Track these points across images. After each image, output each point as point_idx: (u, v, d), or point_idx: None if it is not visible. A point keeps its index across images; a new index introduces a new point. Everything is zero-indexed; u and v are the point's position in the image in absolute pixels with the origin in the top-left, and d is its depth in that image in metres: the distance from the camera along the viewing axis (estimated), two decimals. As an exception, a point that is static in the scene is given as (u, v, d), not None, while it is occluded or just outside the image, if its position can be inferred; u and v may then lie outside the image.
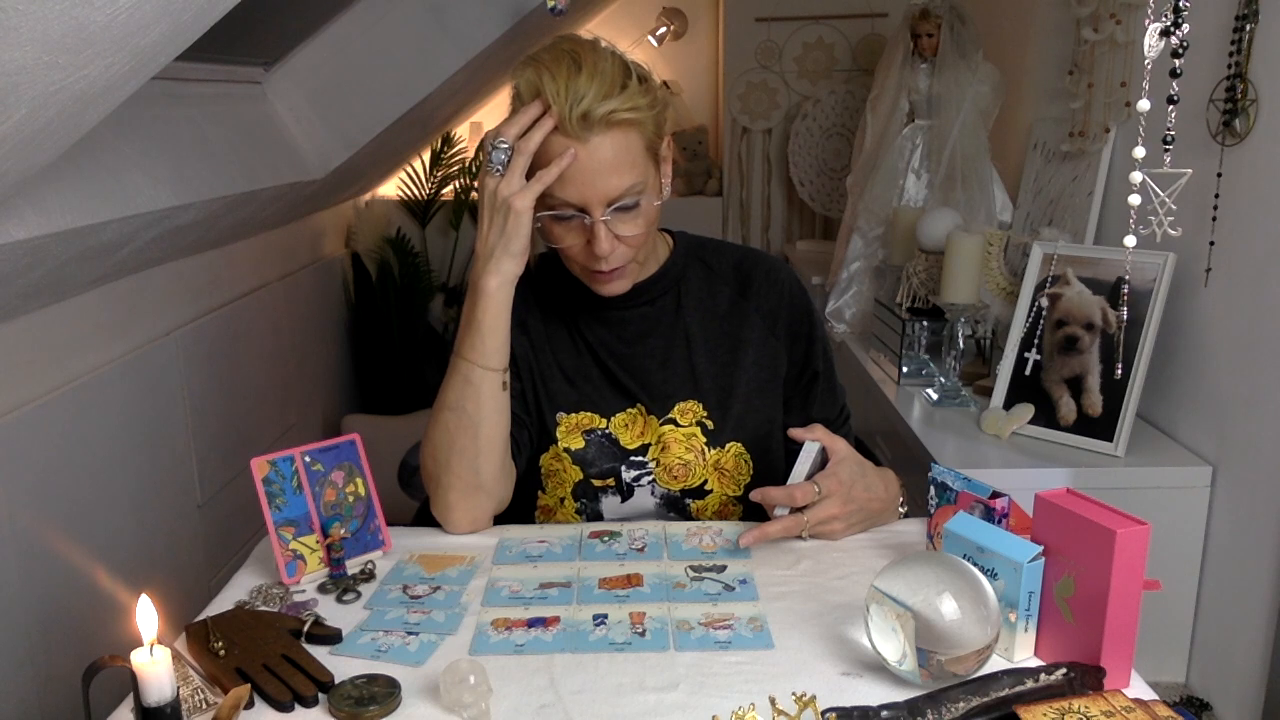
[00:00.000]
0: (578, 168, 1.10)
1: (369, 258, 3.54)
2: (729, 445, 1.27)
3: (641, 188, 1.14)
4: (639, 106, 1.11)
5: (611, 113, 1.09)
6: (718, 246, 1.35)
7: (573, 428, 1.27)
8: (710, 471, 1.27)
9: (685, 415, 1.27)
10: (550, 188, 1.12)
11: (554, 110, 1.09)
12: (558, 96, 1.09)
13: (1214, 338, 1.78)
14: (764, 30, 3.75)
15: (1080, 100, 2.15)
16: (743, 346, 1.30)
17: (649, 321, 1.30)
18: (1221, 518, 1.76)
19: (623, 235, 1.15)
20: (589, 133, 1.10)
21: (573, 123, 1.08)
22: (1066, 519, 0.91)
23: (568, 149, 1.10)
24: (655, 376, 1.28)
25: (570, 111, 1.08)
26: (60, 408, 1.69)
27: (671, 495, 1.28)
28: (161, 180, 1.72)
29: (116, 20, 0.91)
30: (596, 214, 1.12)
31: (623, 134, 1.11)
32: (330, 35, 2.32)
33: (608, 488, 1.27)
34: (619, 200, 1.13)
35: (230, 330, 2.43)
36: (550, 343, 1.30)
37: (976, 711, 0.83)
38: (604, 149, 1.10)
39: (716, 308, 1.31)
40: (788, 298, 1.32)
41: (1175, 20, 0.77)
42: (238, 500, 2.38)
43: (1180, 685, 1.83)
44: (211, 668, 0.93)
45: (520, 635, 0.99)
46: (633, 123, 1.11)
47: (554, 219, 1.15)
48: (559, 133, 1.10)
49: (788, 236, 3.98)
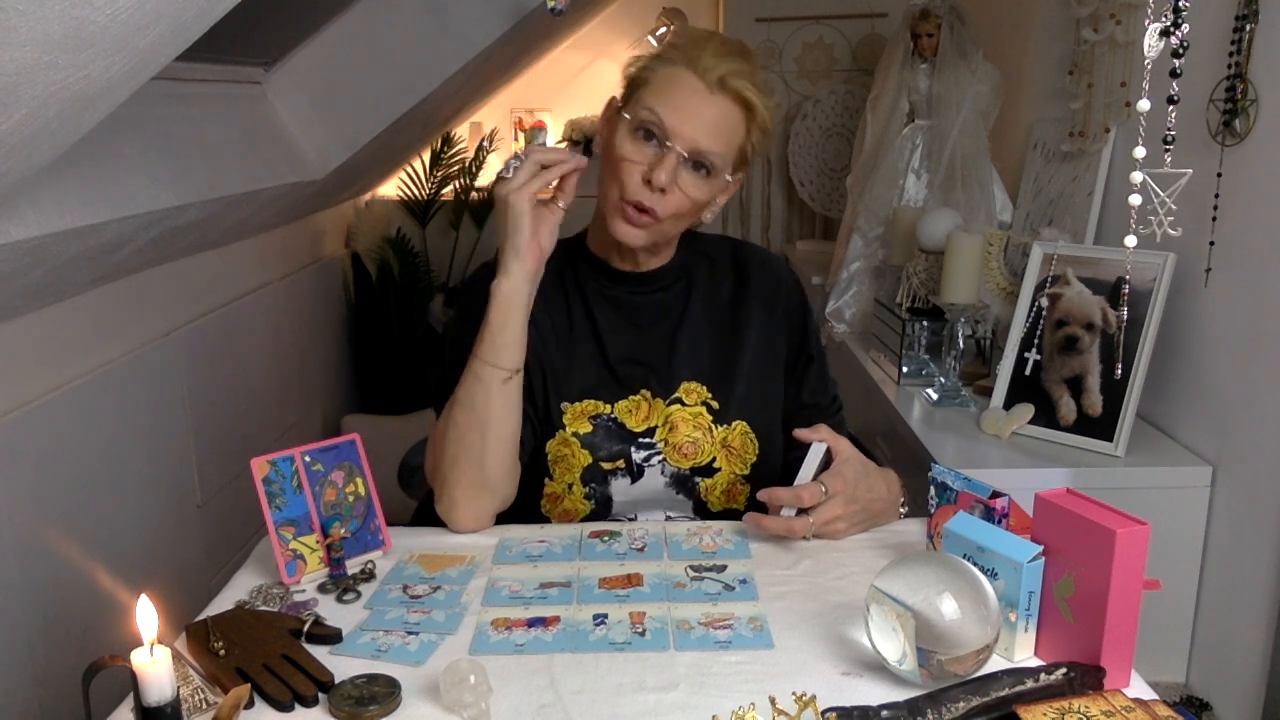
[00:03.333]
0: (689, 105, 1.18)
1: (369, 258, 3.54)
2: (735, 423, 1.30)
3: (721, 163, 1.21)
4: (763, 104, 1.22)
5: (744, 89, 1.18)
6: (715, 241, 1.41)
7: (578, 414, 1.28)
8: (718, 449, 1.29)
9: (691, 395, 1.30)
10: (654, 104, 1.18)
11: (696, 64, 1.17)
12: (715, 53, 1.17)
13: (1214, 338, 1.78)
14: (764, 30, 3.75)
15: (1080, 100, 2.15)
16: (745, 331, 1.33)
17: (661, 308, 1.33)
18: (1221, 518, 1.76)
19: (682, 185, 1.20)
20: (719, 90, 1.18)
21: (712, 77, 1.17)
22: (1066, 519, 0.91)
23: (687, 87, 1.17)
24: (663, 360, 1.31)
25: (716, 68, 1.17)
26: (60, 408, 1.69)
27: (681, 474, 1.29)
28: (161, 180, 1.72)
29: (116, 20, 0.91)
30: (678, 147, 1.17)
31: (739, 111, 1.20)
32: (330, 35, 2.32)
33: (617, 470, 1.28)
34: (702, 154, 1.19)
35: (230, 330, 2.43)
36: (556, 332, 1.31)
37: (976, 711, 0.83)
38: (718, 108, 1.18)
39: (719, 296, 1.36)
40: (784, 285, 1.38)
41: (1175, 20, 0.77)
42: (238, 500, 2.38)
43: (1180, 685, 1.83)
44: (211, 668, 0.93)
45: (520, 635, 0.99)
46: (751, 108, 1.20)
47: (637, 130, 1.19)
48: (693, 73, 1.17)
49: (788, 236, 3.98)
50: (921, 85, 2.60)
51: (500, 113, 3.99)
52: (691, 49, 1.18)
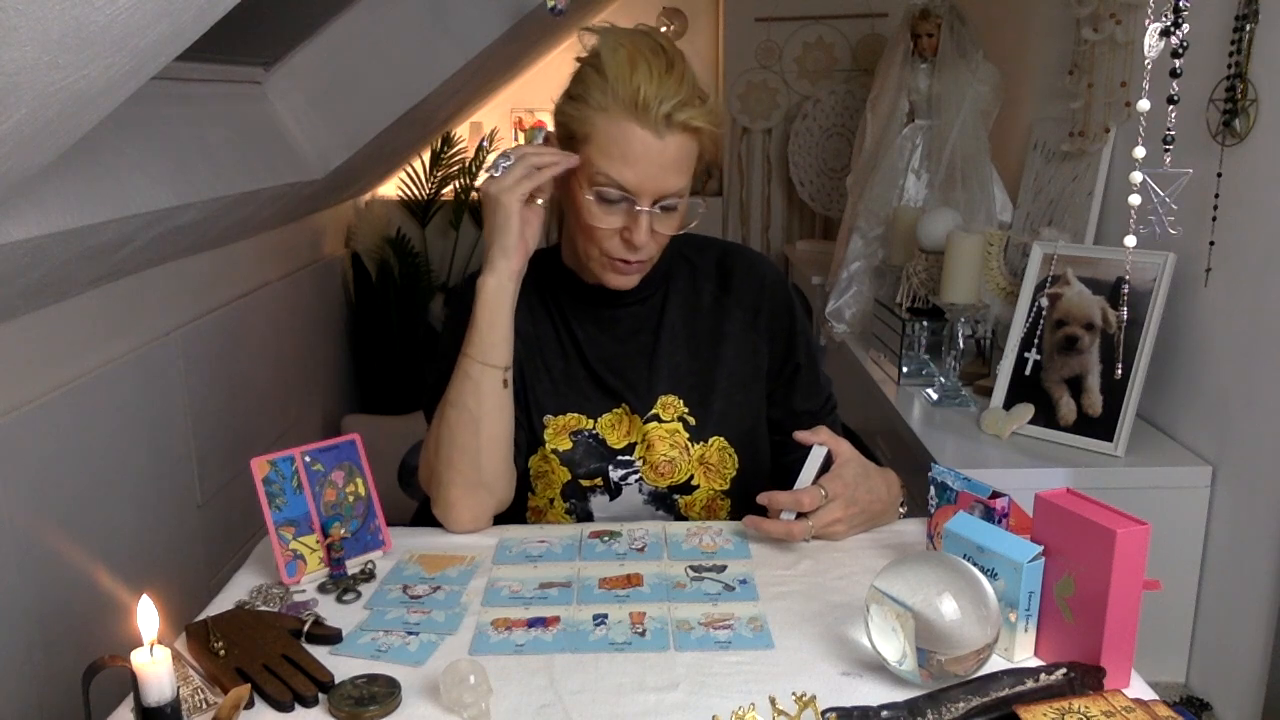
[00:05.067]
0: (644, 159, 1.14)
1: (369, 258, 3.54)
2: (711, 440, 1.28)
3: (685, 192, 1.20)
4: (711, 120, 1.18)
5: (691, 119, 1.14)
6: (700, 243, 1.37)
7: (560, 429, 1.28)
8: (695, 466, 1.28)
9: (667, 410, 1.28)
10: (608, 169, 1.15)
11: (636, 111, 1.13)
12: (649, 84, 1.12)
13: (1214, 338, 1.77)
14: (764, 30, 3.75)
15: (1080, 100, 2.15)
16: (724, 342, 1.31)
17: (639, 319, 1.32)
18: (1221, 518, 1.76)
19: (658, 231, 1.19)
20: (667, 130, 1.14)
21: (657, 117, 1.13)
22: (1066, 519, 0.91)
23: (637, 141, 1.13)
24: (641, 374, 1.29)
25: (659, 106, 1.12)
26: (60, 408, 1.69)
27: (659, 492, 1.28)
28: (161, 180, 1.72)
29: (116, 20, 0.91)
30: (645, 204, 1.16)
31: (691, 140, 1.17)
32: (330, 35, 2.32)
33: (596, 487, 1.28)
34: (668, 198, 1.17)
35: (230, 330, 2.43)
36: (539, 344, 1.31)
37: (976, 711, 0.83)
38: (672, 148, 1.15)
39: (700, 304, 1.33)
40: (769, 292, 1.34)
41: (1175, 20, 0.77)
42: (238, 500, 2.38)
43: (1180, 685, 1.83)
44: (211, 668, 0.93)
45: (520, 635, 0.99)
46: (701, 133, 1.17)
47: (600, 198, 1.17)
48: (637, 123, 1.13)
49: (788, 236, 3.98)
50: (921, 85, 2.60)
51: (500, 113, 3.99)
52: (623, 88, 1.12)
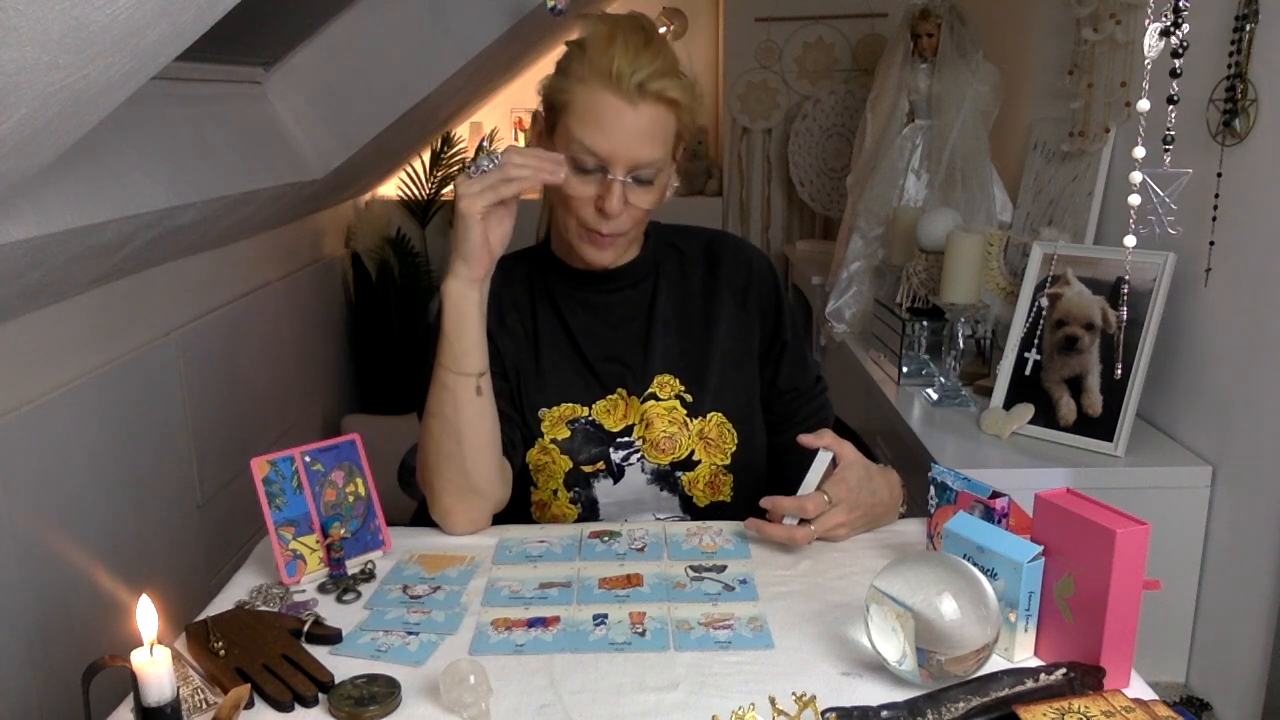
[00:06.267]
0: (618, 126, 1.16)
1: (369, 258, 3.54)
2: (710, 415, 1.30)
3: (661, 165, 1.21)
4: (686, 94, 1.20)
5: (665, 89, 1.17)
6: (686, 232, 1.40)
7: (556, 420, 1.29)
8: (696, 441, 1.29)
9: (664, 389, 1.30)
10: (583, 137, 1.17)
11: (610, 79, 1.15)
12: (624, 56, 1.15)
13: (1214, 338, 1.77)
14: (764, 30, 3.75)
15: (1080, 100, 2.15)
16: (716, 323, 1.33)
17: (631, 305, 1.33)
18: (1221, 518, 1.76)
19: (632, 203, 1.20)
20: (640, 99, 1.16)
21: (630, 86, 1.15)
22: (1066, 519, 0.91)
23: (610, 108, 1.15)
24: (636, 357, 1.31)
25: (631, 75, 1.15)
26: (60, 407, 1.69)
27: (661, 469, 1.29)
28: (161, 180, 1.72)
29: (116, 20, 0.91)
30: (619, 173, 1.18)
31: (666, 111, 1.19)
32: (330, 35, 2.32)
33: (598, 472, 1.28)
34: (642, 168, 1.19)
35: (230, 330, 2.43)
36: (532, 338, 1.32)
37: (976, 711, 0.83)
38: (645, 118, 1.17)
39: (690, 289, 1.35)
40: (756, 273, 1.37)
41: (1175, 20, 0.77)
42: (238, 500, 2.38)
43: (1180, 685, 1.83)
44: (211, 668, 0.93)
45: (520, 635, 0.99)
46: (676, 105, 1.19)
47: (576, 167, 1.18)
48: (611, 91, 1.15)
49: (788, 236, 3.98)
50: (921, 85, 2.60)
51: (500, 113, 3.99)
52: (600, 59, 1.15)
